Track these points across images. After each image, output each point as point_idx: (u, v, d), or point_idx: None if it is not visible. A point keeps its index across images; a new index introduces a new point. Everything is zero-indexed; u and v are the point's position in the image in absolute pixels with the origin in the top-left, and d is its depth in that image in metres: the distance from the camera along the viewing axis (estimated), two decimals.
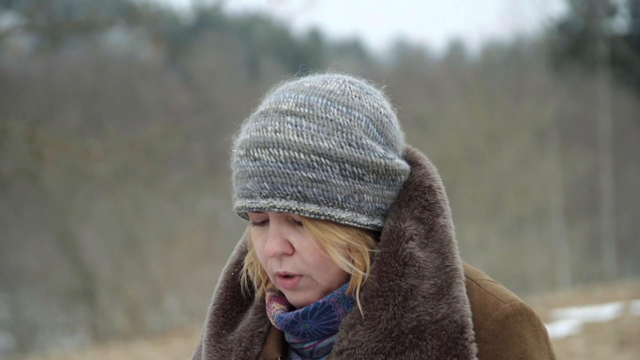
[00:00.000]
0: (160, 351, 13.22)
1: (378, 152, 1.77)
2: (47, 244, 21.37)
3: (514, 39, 30.24)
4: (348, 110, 1.78)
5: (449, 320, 1.73)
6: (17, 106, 17.83)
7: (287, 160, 1.74)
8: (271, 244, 1.77)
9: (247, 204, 1.77)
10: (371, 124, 1.78)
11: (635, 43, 28.03)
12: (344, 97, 1.79)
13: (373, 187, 1.77)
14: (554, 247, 26.29)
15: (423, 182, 1.82)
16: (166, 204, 22.34)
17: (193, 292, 21.96)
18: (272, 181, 1.74)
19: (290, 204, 1.73)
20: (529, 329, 1.78)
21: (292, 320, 1.80)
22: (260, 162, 1.76)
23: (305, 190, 1.73)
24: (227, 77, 29.35)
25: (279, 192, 1.74)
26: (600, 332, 10.61)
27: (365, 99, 1.81)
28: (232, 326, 1.91)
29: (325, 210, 1.74)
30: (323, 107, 1.77)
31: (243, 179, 1.79)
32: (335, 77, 1.85)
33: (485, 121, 26.17)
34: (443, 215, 1.81)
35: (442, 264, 1.76)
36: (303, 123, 1.76)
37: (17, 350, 19.83)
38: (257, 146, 1.77)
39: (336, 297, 1.79)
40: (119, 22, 14.59)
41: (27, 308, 21.63)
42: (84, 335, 21.42)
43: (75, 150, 14.01)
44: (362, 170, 1.76)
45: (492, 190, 25.31)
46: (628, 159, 28.66)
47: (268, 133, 1.77)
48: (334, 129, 1.75)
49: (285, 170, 1.73)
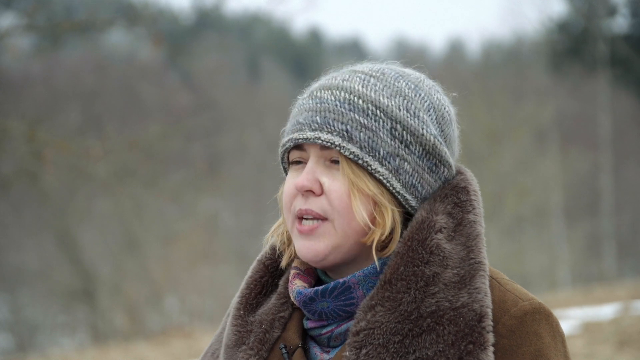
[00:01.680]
0: (160, 351, 13.22)
1: (431, 130, 1.84)
2: (47, 244, 21.37)
3: (514, 39, 30.27)
4: (416, 88, 1.86)
5: (468, 309, 1.76)
6: (17, 106, 17.82)
7: (345, 101, 1.81)
8: (302, 177, 1.82)
9: (295, 136, 1.83)
10: (432, 110, 1.87)
11: (635, 43, 28.03)
12: (416, 80, 1.88)
13: (415, 161, 1.83)
14: (554, 247, 26.30)
15: (459, 184, 1.88)
16: (166, 204, 22.32)
17: (193, 292, 21.97)
18: (325, 116, 1.81)
19: (335, 139, 1.80)
20: (547, 328, 1.80)
21: (310, 296, 1.82)
22: (319, 99, 1.84)
23: (352, 131, 1.80)
24: (227, 77, 29.35)
25: (328, 127, 1.81)
26: (600, 332, 10.61)
27: (434, 93, 1.89)
28: (254, 308, 1.93)
29: (365, 156, 1.80)
30: (394, 77, 1.86)
31: (298, 115, 1.86)
32: (413, 71, 1.93)
33: (485, 121, 26.17)
34: (474, 212, 1.86)
35: (467, 256, 1.81)
36: (371, 80, 1.84)
37: (17, 350, 19.83)
38: (322, 88, 1.86)
39: (357, 278, 1.82)
40: (119, 22, 14.59)
41: (27, 308, 21.63)
42: (84, 335, 21.42)
43: (75, 150, 14.01)
44: (411, 137, 1.82)
45: (492, 190, 25.30)
46: (628, 159, 28.67)
47: (336, 80, 1.85)
48: (398, 93, 1.84)
49: (340, 108, 1.81)
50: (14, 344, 20.77)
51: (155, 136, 18.68)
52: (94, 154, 14.23)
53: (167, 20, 17.76)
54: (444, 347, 1.74)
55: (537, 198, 26.09)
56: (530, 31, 29.51)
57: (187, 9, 26.45)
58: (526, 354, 1.77)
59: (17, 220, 21.10)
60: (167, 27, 19.84)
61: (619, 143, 27.73)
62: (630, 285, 16.73)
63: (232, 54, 32.93)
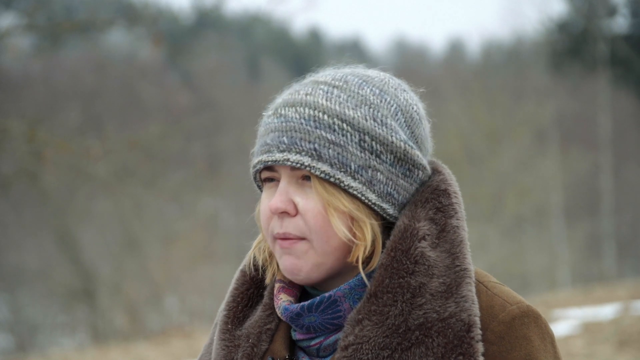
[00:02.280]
0: (160, 351, 13.22)
1: (400, 136, 1.80)
2: (47, 244, 21.37)
3: (514, 39, 30.27)
4: (381, 93, 1.83)
5: (456, 319, 1.74)
6: (17, 106, 17.83)
7: (311, 118, 1.78)
8: (276, 199, 1.80)
9: (264, 158, 1.81)
10: (400, 113, 1.83)
11: (635, 43, 28.03)
12: (380, 83, 1.84)
13: (388, 170, 1.80)
14: (554, 247, 26.30)
15: (439, 185, 1.85)
16: (166, 204, 22.34)
17: (193, 292, 21.97)
18: (292, 135, 1.78)
19: (304, 160, 1.76)
20: (536, 331, 1.78)
21: (297, 312, 1.81)
22: (284, 118, 1.80)
23: (321, 149, 1.77)
24: (227, 77, 29.35)
25: (296, 147, 1.77)
26: (600, 332, 10.61)
27: (400, 93, 1.86)
28: (241, 321, 1.92)
29: (336, 173, 1.77)
30: (357, 85, 1.82)
31: (265, 135, 1.83)
32: (377, 70, 1.90)
33: (485, 121, 26.17)
34: (456, 217, 1.82)
35: (452, 264, 1.78)
36: (334, 91, 1.80)
37: (17, 350, 19.83)
38: (285, 105, 1.82)
39: (342, 292, 1.80)
40: (119, 22, 14.58)
41: (27, 308, 21.62)
42: (84, 335, 21.42)
43: (75, 150, 14.00)
44: (381, 147, 1.79)
45: (492, 190, 25.30)
46: (628, 159, 28.67)
47: (299, 95, 1.82)
48: (363, 102, 1.80)
49: (306, 126, 1.78)
50: (14, 344, 20.76)
51: (155, 136, 18.67)
52: (94, 154, 14.23)
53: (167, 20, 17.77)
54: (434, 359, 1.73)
55: (537, 198, 26.09)
56: (530, 31, 29.54)
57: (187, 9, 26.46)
58: (516, 359, 1.76)
59: (17, 220, 21.10)
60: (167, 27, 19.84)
61: (619, 143, 27.73)
62: (630, 285, 16.73)
63: (232, 54, 32.94)
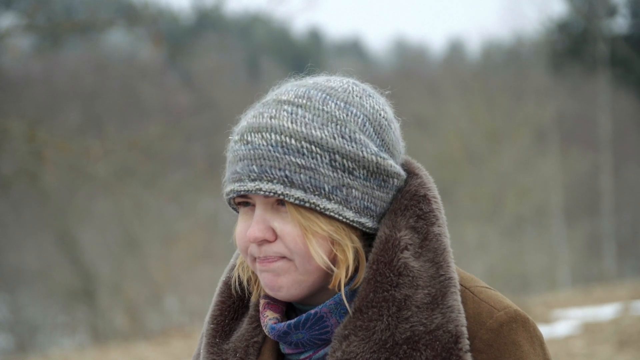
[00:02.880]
0: (160, 351, 13.22)
1: (370, 149, 1.77)
2: (47, 244, 21.37)
3: (514, 39, 30.27)
4: (346, 105, 1.78)
5: (443, 331, 1.72)
6: (17, 106, 17.84)
7: (278, 144, 1.74)
8: (253, 228, 1.77)
9: (236, 187, 1.77)
10: (368, 123, 1.79)
11: (635, 43, 28.03)
12: (344, 94, 1.80)
13: (362, 184, 1.76)
14: (554, 247, 26.30)
15: (418, 191, 1.81)
16: (166, 204, 22.34)
17: (193, 292, 21.96)
18: (261, 164, 1.74)
19: (277, 188, 1.73)
20: (524, 336, 1.77)
21: (284, 330, 1.79)
22: (251, 145, 1.76)
23: (292, 175, 1.73)
24: (227, 77, 29.36)
25: (267, 176, 1.74)
26: (600, 333, 10.61)
27: (366, 100, 1.81)
28: (227, 335, 1.90)
29: (310, 197, 1.73)
30: (321, 100, 1.78)
31: (234, 162, 1.79)
32: (340, 77, 1.85)
33: (485, 121, 26.17)
34: (437, 224, 1.79)
35: (436, 273, 1.75)
36: (299, 112, 1.76)
37: (17, 350, 19.83)
38: (250, 131, 1.78)
39: (328, 308, 1.78)
40: (119, 22, 14.60)
41: (27, 308, 21.62)
42: (84, 335, 21.42)
43: (75, 150, 14.01)
44: (352, 164, 1.75)
45: (492, 190, 25.30)
46: (628, 159, 28.68)
47: (263, 119, 1.77)
48: (329, 120, 1.76)
49: (274, 153, 1.74)
50: (14, 344, 20.77)
51: (155, 136, 18.67)
52: (94, 154, 14.24)
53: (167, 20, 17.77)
54: None
55: (537, 198, 26.09)
56: (530, 31, 29.54)
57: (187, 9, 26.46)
58: None
59: (17, 220, 21.10)
60: (167, 27, 19.84)
61: (619, 143, 27.73)
62: (630, 285, 16.73)
63: (232, 54, 32.94)
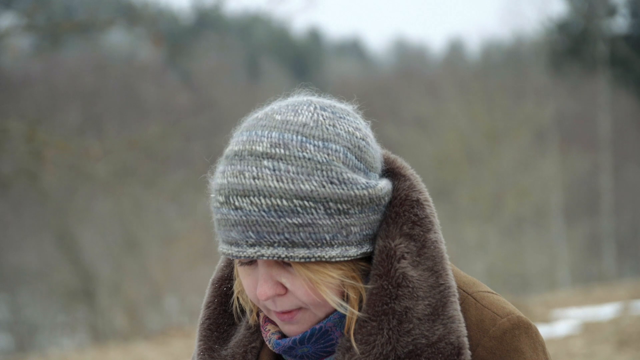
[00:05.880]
0: (159, 351, 13.22)
1: (360, 184, 1.71)
2: (47, 244, 21.38)
3: (513, 39, 30.28)
4: (324, 144, 1.71)
5: (445, 342, 1.70)
6: (17, 106, 17.85)
7: (270, 208, 1.67)
8: (263, 288, 1.73)
9: (234, 252, 1.71)
10: (349, 153, 1.72)
11: (635, 43, 28.04)
12: (318, 130, 1.72)
13: (359, 218, 1.72)
14: (553, 247, 26.30)
15: (410, 195, 1.78)
16: (166, 204, 22.35)
17: (193, 292, 21.96)
18: (258, 230, 1.68)
19: (279, 252, 1.68)
20: (527, 342, 1.76)
21: (289, 346, 1.78)
22: (242, 212, 1.68)
23: (292, 237, 1.67)
24: (226, 77, 29.36)
25: (266, 241, 1.68)
26: (600, 332, 10.61)
27: (339, 126, 1.74)
28: (225, 340, 1.89)
29: (314, 252, 1.69)
30: (299, 146, 1.70)
31: (227, 227, 1.71)
32: (305, 104, 1.76)
33: (485, 121, 26.18)
34: (433, 230, 1.76)
35: (435, 283, 1.73)
36: (281, 166, 1.68)
37: (17, 350, 19.84)
38: (236, 194, 1.69)
39: (332, 322, 1.77)
40: (119, 22, 14.59)
41: (27, 308, 21.64)
42: (84, 335, 21.43)
43: (75, 150, 14.01)
44: (346, 205, 1.70)
45: (492, 190, 25.31)
46: (628, 159, 28.68)
47: (246, 179, 1.69)
48: (314, 168, 1.69)
49: (269, 219, 1.67)
50: (13, 343, 20.78)
51: (155, 136, 18.68)
52: (94, 154, 14.23)
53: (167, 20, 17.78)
54: None
55: (536, 198, 26.10)
56: (530, 31, 29.56)
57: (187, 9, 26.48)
58: None
59: (17, 220, 21.11)
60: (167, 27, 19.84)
61: (619, 143, 27.74)
62: (629, 285, 16.74)
63: (232, 54, 32.94)
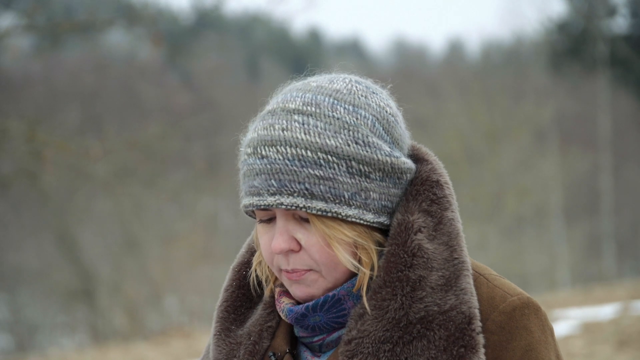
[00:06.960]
0: (159, 351, 13.22)
1: (384, 150, 1.79)
2: (47, 244, 21.38)
3: (513, 39, 30.27)
4: (355, 109, 1.80)
5: (457, 312, 1.75)
6: (17, 106, 17.84)
7: (295, 157, 1.75)
8: (278, 240, 1.79)
9: (255, 202, 1.78)
10: (377, 123, 1.81)
11: (635, 43, 28.04)
12: (350, 96, 1.82)
13: (379, 185, 1.79)
14: (553, 247, 26.31)
15: (430, 176, 1.86)
16: (166, 204, 22.35)
17: (193, 292, 21.98)
18: (280, 178, 1.75)
19: (298, 201, 1.75)
20: (536, 322, 1.80)
21: (302, 313, 1.82)
22: (267, 160, 1.77)
23: (312, 188, 1.75)
24: (226, 77, 29.36)
25: (287, 190, 1.75)
26: (600, 332, 10.61)
27: (371, 98, 1.83)
28: (242, 322, 1.94)
29: (332, 207, 1.75)
30: (330, 106, 1.79)
31: (250, 176, 1.79)
32: (342, 76, 1.86)
33: (485, 121, 26.19)
34: (451, 209, 1.84)
35: (450, 256, 1.79)
36: (310, 121, 1.78)
37: (17, 350, 19.84)
38: (264, 144, 1.78)
39: (345, 290, 1.81)
40: (119, 22, 14.59)
41: (27, 308, 21.63)
42: (84, 335, 21.42)
43: (75, 150, 14.01)
44: (368, 168, 1.77)
45: (492, 190, 25.32)
46: (628, 159, 28.68)
47: (275, 131, 1.78)
48: (341, 127, 1.77)
49: (292, 167, 1.75)
50: (13, 344, 20.77)
51: (155, 136, 18.69)
52: (94, 154, 14.23)
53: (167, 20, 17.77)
54: (436, 353, 1.74)
55: (536, 198, 26.10)
56: (529, 31, 29.55)
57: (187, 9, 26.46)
58: (517, 348, 1.77)
59: (17, 220, 21.10)
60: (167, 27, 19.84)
61: (619, 143, 27.74)
62: (629, 285, 16.74)
63: (232, 54, 32.94)
